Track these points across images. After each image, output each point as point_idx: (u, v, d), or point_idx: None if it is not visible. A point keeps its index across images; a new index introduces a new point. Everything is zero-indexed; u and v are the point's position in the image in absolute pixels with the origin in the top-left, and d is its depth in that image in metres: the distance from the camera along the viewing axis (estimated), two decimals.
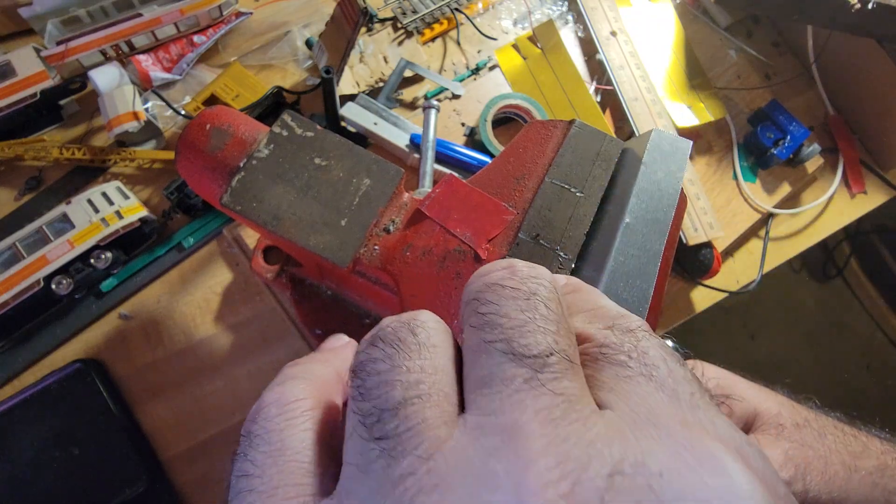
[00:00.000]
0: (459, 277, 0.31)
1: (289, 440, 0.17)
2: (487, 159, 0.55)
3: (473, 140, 0.59)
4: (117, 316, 0.51)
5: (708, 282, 0.60)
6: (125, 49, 0.56)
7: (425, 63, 0.62)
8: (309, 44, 0.61)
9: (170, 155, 0.55)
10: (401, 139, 0.55)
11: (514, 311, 0.16)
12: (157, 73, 0.57)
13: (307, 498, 0.16)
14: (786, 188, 0.64)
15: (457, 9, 0.64)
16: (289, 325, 0.52)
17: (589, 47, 0.65)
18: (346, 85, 0.59)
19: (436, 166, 0.52)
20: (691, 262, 0.57)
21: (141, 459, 0.46)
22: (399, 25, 0.63)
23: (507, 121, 0.60)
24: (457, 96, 0.61)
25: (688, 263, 0.58)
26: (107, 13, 0.56)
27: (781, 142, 0.61)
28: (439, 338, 0.17)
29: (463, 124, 0.60)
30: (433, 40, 0.64)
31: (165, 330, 0.51)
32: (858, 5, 0.54)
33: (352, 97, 0.56)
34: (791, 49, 0.71)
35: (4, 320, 0.47)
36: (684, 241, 0.56)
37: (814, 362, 1.53)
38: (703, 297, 0.62)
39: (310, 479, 0.16)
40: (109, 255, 0.49)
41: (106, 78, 0.54)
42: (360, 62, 0.61)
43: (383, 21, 0.64)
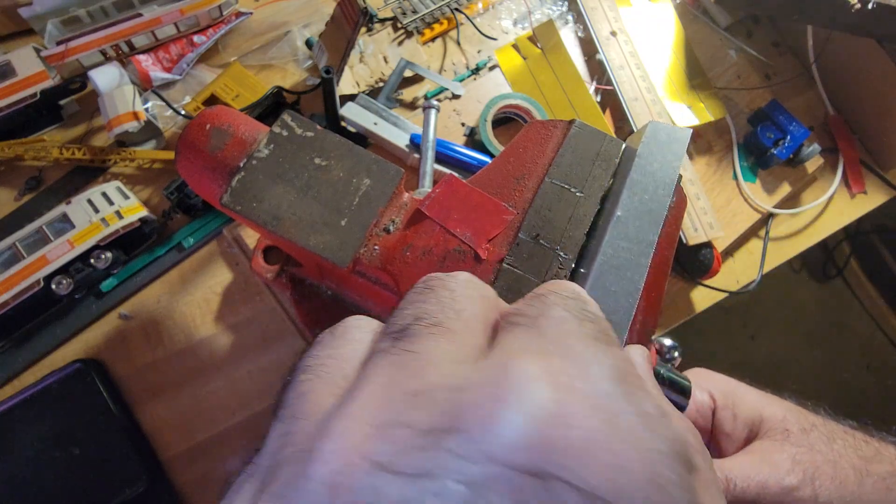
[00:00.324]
0: None
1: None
2: (487, 159, 0.55)
3: (473, 140, 0.59)
4: (117, 316, 0.51)
5: (708, 282, 0.60)
6: (125, 49, 0.56)
7: (425, 63, 0.62)
8: (309, 44, 0.61)
9: (170, 155, 0.55)
10: (401, 139, 0.55)
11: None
12: (157, 73, 0.57)
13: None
14: (786, 188, 0.64)
15: (457, 9, 0.64)
16: (289, 325, 0.52)
17: (589, 47, 0.65)
18: (346, 85, 0.59)
19: (436, 166, 0.52)
20: (691, 262, 0.57)
21: (141, 459, 0.46)
22: (399, 25, 0.63)
23: (507, 121, 0.60)
24: (457, 96, 0.61)
25: (688, 263, 0.58)
26: (107, 13, 0.56)
27: (781, 142, 0.61)
28: (481, 290, 0.20)
29: (463, 124, 0.60)
30: (433, 40, 0.64)
31: (165, 330, 0.51)
32: (858, 5, 0.54)
33: (352, 97, 0.56)
34: (791, 49, 0.71)
35: (4, 320, 0.47)
36: (684, 241, 0.56)
37: (814, 362, 1.53)
38: (703, 297, 0.62)
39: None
40: (109, 255, 0.49)
41: (106, 78, 0.54)
42: (360, 62, 0.61)
43: (383, 21, 0.64)
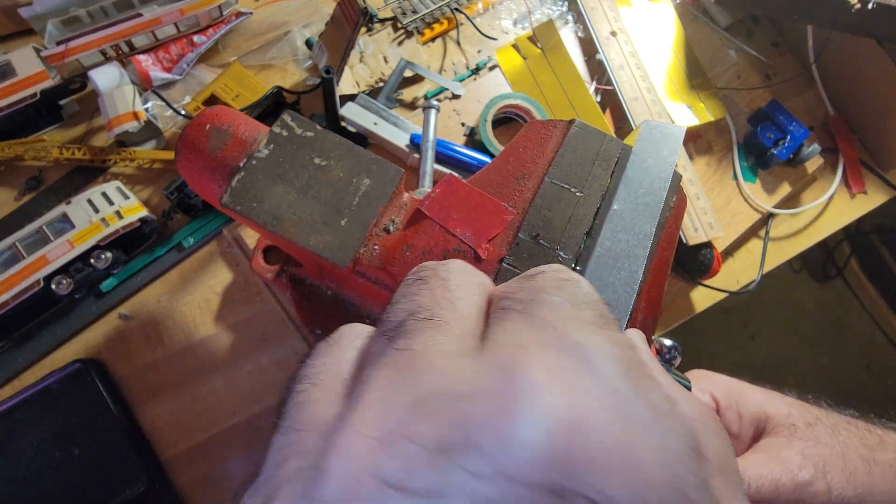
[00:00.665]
0: None
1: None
2: (487, 159, 0.55)
3: (473, 140, 0.59)
4: (117, 316, 0.51)
5: (708, 282, 0.60)
6: (125, 49, 0.56)
7: (425, 63, 0.62)
8: (309, 44, 0.61)
9: (170, 155, 0.55)
10: (401, 139, 0.55)
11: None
12: (157, 73, 0.57)
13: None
14: (786, 188, 0.64)
15: (457, 9, 0.64)
16: (289, 325, 0.52)
17: (589, 47, 0.65)
18: (346, 85, 0.59)
19: (436, 166, 0.52)
20: (691, 262, 0.57)
21: (141, 459, 0.46)
22: (399, 25, 0.63)
23: (507, 121, 0.60)
24: (457, 96, 0.61)
25: (688, 263, 0.58)
26: (107, 13, 0.56)
27: (781, 142, 0.61)
28: (475, 277, 0.20)
29: (463, 124, 0.60)
30: (433, 40, 0.64)
31: (165, 330, 0.51)
32: (858, 5, 0.54)
33: (352, 97, 0.56)
34: (791, 49, 0.71)
35: (4, 320, 0.47)
36: (684, 241, 0.56)
37: (814, 362, 1.53)
38: (703, 297, 0.62)
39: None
40: (109, 255, 0.49)
41: (106, 78, 0.54)
42: (360, 62, 0.61)
43: (383, 21, 0.64)
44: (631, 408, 0.13)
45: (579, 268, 0.31)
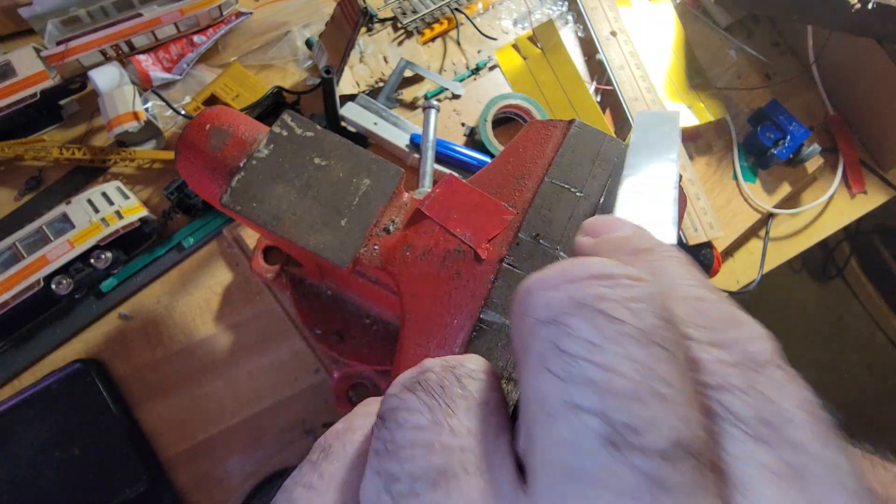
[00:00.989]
0: (459, 277, 0.31)
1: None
2: (487, 159, 0.55)
3: (473, 140, 0.59)
4: (117, 316, 0.51)
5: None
6: (125, 49, 0.56)
7: (425, 63, 0.62)
8: (309, 44, 0.61)
9: (170, 155, 0.55)
10: (401, 139, 0.55)
11: (621, 364, 0.10)
12: (157, 73, 0.57)
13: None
14: (786, 188, 0.64)
15: (457, 9, 0.64)
16: (289, 325, 0.52)
17: (589, 47, 0.65)
18: (346, 85, 0.59)
19: (436, 166, 0.52)
20: None
21: (141, 459, 0.46)
22: (399, 25, 0.63)
23: (507, 121, 0.60)
24: (457, 96, 0.61)
25: None
26: (107, 13, 0.56)
27: (781, 142, 0.61)
28: (491, 393, 0.13)
29: (463, 124, 0.60)
30: (433, 40, 0.64)
31: (165, 330, 0.51)
32: (858, 5, 0.54)
33: (352, 97, 0.56)
34: (791, 49, 0.71)
35: (4, 320, 0.47)
36: (684, 241, 0.56)
37: (814, 362, 1.53)
38: None
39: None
40: (109, 255, 0.49)
41: (106, 78, 0.54)
42: (360, 62, 0.61)
43: (383, 21, 0.64)
44: None
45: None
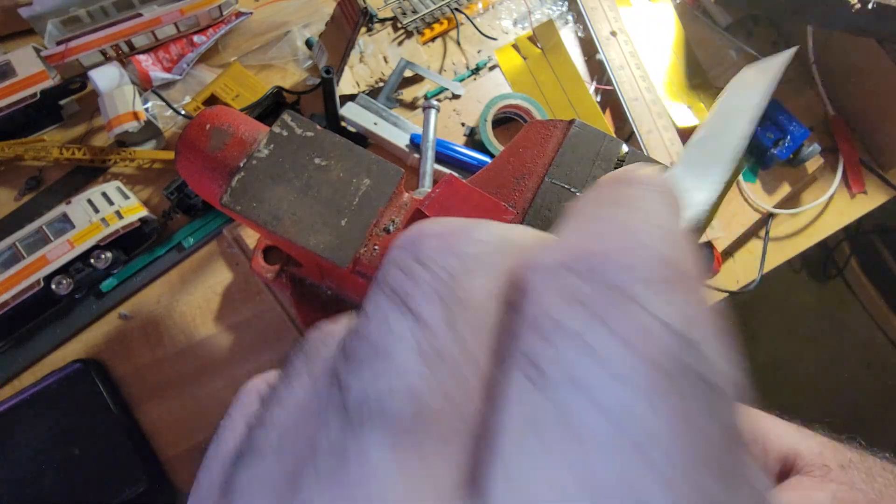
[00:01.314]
0: None
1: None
2: (487, 159, 0.55)
3: (473, 140, 0.59)
4: (117, 316, 0.51)
5: (708, 282, 0.60)
6: (125, 49, 0.56)
7: (425, 63, 0.62)
8: (309, 44, 0.61)
9: (170, 155, 0.55)
10: (401, 139, 0.55)
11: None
12: (157, 73, 0.57)
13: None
14: (786, 188, 0.64)
15: (457, 9, 0.64)
16: (289, 325, 0.52)
17: (589, 47, 0.65)
18: (346, 85, 0.59)
19: (436, 166, 0.52)
20: None
21: (141, 459, 0.46)
22: (399, 25, 0.63)
23: (507, 121, 0.60)
24: (457, 96, 0.61)
25: None
26: (107, 13, 0.56)
27: (781, 142, 0.61)
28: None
29: (463, 124, 0.60)
30: (433, 40, 0.64)
31: (165, 330, 0.51)
32: (858, 5, 0.54)
33: (352, 97, 0.56)
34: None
35: (4, 320, 0.47)
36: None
37: (814, 362, 1.53)
38: None
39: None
40: (109, 255, 0.49)
41: (106, 78, 0.54)
42: (360, 62, 0.61)
43: (383, 21, 0.64)
44: None
45: None
